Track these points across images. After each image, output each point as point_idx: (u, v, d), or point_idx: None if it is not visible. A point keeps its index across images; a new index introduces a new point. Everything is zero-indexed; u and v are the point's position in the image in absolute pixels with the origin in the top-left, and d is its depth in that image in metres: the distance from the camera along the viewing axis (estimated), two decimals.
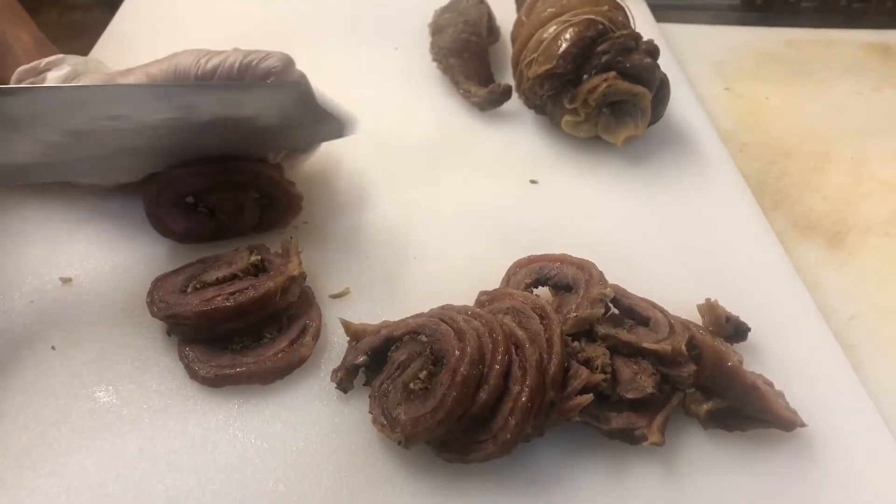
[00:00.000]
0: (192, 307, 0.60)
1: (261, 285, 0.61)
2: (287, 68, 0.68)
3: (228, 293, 0.61)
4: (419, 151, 0.88)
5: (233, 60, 0.66)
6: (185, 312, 0.60)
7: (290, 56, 0.69)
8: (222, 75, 0.66)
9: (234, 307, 0.60)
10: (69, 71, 0.69)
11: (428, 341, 0.56)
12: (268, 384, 0.61)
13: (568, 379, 0.56)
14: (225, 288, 0.62)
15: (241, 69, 0.66)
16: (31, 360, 0.62)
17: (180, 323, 0.61)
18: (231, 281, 0.63)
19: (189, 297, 0.62)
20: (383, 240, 0.75)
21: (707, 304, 0.65)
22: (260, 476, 0.55)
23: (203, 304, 0.60)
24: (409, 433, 0.52)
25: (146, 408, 0.59)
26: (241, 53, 0.67)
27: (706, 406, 0.58)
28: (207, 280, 0.63)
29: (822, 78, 1.10)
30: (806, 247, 0.81)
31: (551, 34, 0.85)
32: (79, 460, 0.55)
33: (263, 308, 0.61)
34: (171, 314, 0.61)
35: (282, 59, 0.68)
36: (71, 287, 0.68)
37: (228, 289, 0.61)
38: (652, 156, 0.88)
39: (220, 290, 0.62)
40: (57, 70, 0.69)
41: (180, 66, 0.66)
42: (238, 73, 0.67)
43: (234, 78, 0.67)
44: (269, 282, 0.61)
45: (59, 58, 0.71)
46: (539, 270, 0.66)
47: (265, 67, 0.67)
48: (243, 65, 0.66)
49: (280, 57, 0.68)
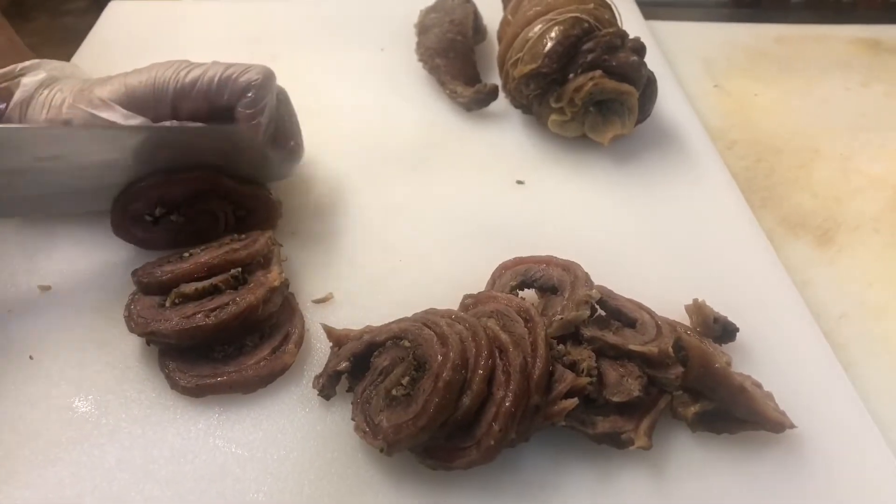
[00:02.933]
0: (171, 325, 0.58)
1: (242, 299, 0.59)
2: (267, 81, 0.67)
3: (209, 309, 0.59)
4: (404, 152, 0.87)
5: (212, 74, 0.65)
6: (165, 330, 0.58)
7: (270, 69, 0.68)
8: (201, 89, 0.65)
9: (215, 325, 0.58)
10: (45, 77, 0.68)
11: (411, 346, 0.55)
12: (250, 393, 0.59)
13: (553, 383, 0.55)
14: (205, 303, 0.60)
15: (221, 83, 0.65)
16: (9, 369, 0.61)
17: (160, 340, 0.60)
18: (211, 295, 0.61)
19: (168, 312, 0.60)
20: (367, 243, 0.74)
21: (694, 304, 0.64)
22: (240, 486, 0.54)
23: (183, 322, 0.58)
24: (391, 440, 0.52)
25: (125, 417, 0.58)
26: (222, 67, 0.66)
27: (694, 408, 0.57)
28: (186, 292, 0.61)
29: (811, 74, 1.10)
30: (795, 245, 0.81)
31: (537, 33, 0.84)
32: (55, 472, 0.54)
33: (245, 322, 0.60)
34: (150, 331, 0.59)
35: (262, 72, 0.67)
36: (49, 295, 0.67)
37: (209, 304, 0.60)
38: (639, 155, 0.87)
39: (201, 305, 0.60)
40: (32, 75, 0.68)
41: (159, 78, 0.65)
42: (217, 86, 0.66)
43: (213, 92, 0.66)
44: (249, 295, 0.60)
45: (34, 63, 0.70)
46: (525, 272, 0.66)
47: (245, 81, 0.66)
48: (223, 78, 0.65)
49: (260, 70, 0.67)
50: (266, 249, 0.65)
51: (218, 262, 0.62)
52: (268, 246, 0.65)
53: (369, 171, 0.84)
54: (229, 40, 0.72)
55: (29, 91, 0.67)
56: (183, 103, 0.66)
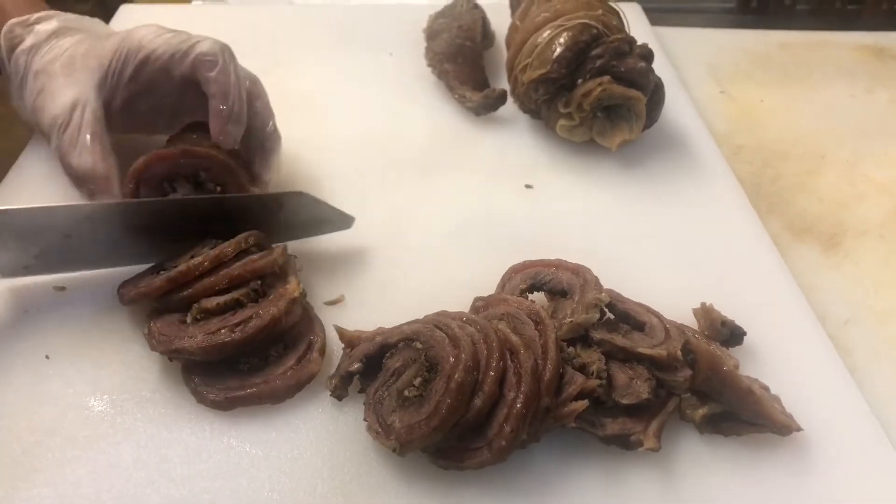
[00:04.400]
0: (197, 342, 0.58)
1: (265, 312, 0.59)
2: (219, 54, 0.69)
3: (233, 324, 0.59)
4: (414, 157, 0.88)
5: (162, 52, 0.67)
6: (190, 347, 0.58)
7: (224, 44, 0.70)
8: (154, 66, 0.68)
9: (241, 339, 0.58)
10: (57, 26, 0.70)
11: (423, 348, 0.56)
12: (278, 403, 0.59)
13: (563, 385, 0.56)
14: (228, 318, 0.60)
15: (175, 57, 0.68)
16: (26, 368, 0.62)
17: (184, 357, 0.59)
18: (233, 309, 0.61)
19: (191, 329, 0.59)
20: (378, 246, 0.75)
21: (702, 308, 0.65)
22: (254, 485, 0.54)
23: (209, 338, 0.58)
24: (403, 440, 0.52)
25: (140, 417, 0.59)
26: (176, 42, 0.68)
27: (702, 411, 0.57)
28: (208, 307, 0.61)
29: (816, 80, 1.10)
30: (801, 250, 0.81)
31: (545, 39, 0.85)
32: (73, 470, 0.55)
33: (269, 334, 0.60)
34: (174, 349, 0.58)
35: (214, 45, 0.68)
36: (65, 296, 0.68)
37: (232, 319, 0.59)
38: (647, 160, 0.88)
39: (224, 320, 0.59)
40: (46, 23, 0.70)
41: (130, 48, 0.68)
42: (169, 61, 0.67)
43: (165, 65, 0.68)
44: (272, 307, 0.60)
45: (50, 13, 0.72)
46: (534, 276, 0.66)
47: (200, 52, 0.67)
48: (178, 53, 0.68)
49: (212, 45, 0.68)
50: (282, 260, 0.65)
51: (238, 272, 0.62)
52: (283, 256, 0.65)
53: (378, 174, 0.84)
54: (237, 45, 0.73)
55: (41, 38, 0.68)
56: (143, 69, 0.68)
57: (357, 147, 0.88)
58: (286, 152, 0.78)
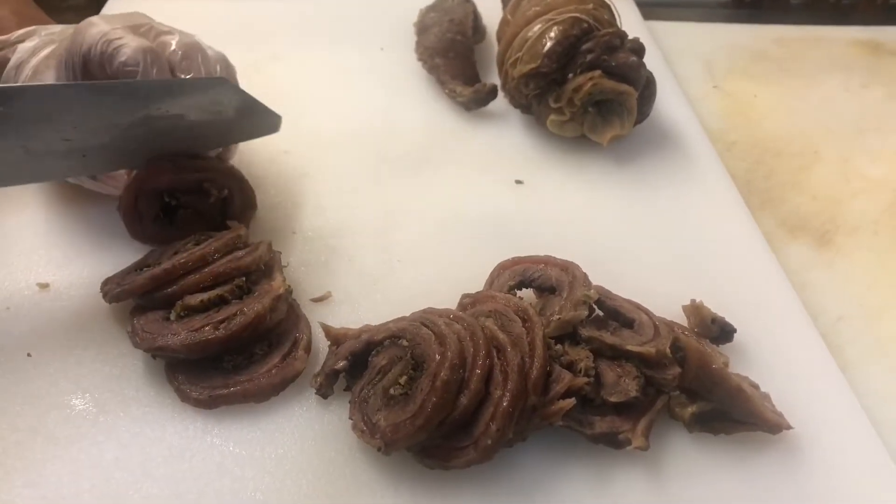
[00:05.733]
0: (180, 339, 0.57)
1: (249, 309, 0.59)
2: (141, 61, 0.63)
3: (217, 321, 0.58)
4: (403, 152, 0.87)
5: (95, 53, 0.64)
6: (174, 345, 0.57)
7: (148, 46, 0.64)
8: (94, 62, 0.64)
9: (225, 337, 0.58)
10: (38, 42, 0.69)
11: (409, 346, 0.55)
12: (263, 402, 0.59)
13: (551, 383, 0.55)
14: (212, 315, 0.59)
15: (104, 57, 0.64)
16: (7, 367, 0.61)
17: (167, 355, 0.59)
18: (217, 306, 0.60)
19: (174, 326, 0.59)
20: (366, 242, 0.74)
21: (692, 305, 0.65)
22: (238, 485, 0.54)
23: (192, 335, 0.57)
24: (389, 439, 0.52)
25: (123, 415, 0.58)
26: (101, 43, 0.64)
27: (691, 409, 0.57)
28: (192, 304, 0.60)
29: (810, 75, 1.10)
30: (794, 247, 0.81)
31: (536, 33, 0.84)
32: (54, 470, 0.54)
33: (254, 331, 0.59)
34: (157, 346, 0.58)
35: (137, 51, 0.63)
36: (48, 293, 0.67)
37: (216, 316, 0.59)
38: (638, 155, 0.87)
39: (208, 317, 0.59)
40: (29, 41, 0.69)
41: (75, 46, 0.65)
42: (101, 59, 0.64)
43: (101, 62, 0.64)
44: (256, 304, 0.59)
45: (32, 29, 0.71)
46: (523, 272, 0.66)
47: (119, 63, 0.63)
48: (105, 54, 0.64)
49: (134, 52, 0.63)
50: (267, 256, 0.64)
51: (223, 269, 0.61)
52: (269, 253, 0.65)
53: (368, 170, 0.84)
54: (227, 39, 0.72)
55: (24, 56, 0.68)
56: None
57: (347, 142, 0.87)
58: (274, 148, 0.77)
